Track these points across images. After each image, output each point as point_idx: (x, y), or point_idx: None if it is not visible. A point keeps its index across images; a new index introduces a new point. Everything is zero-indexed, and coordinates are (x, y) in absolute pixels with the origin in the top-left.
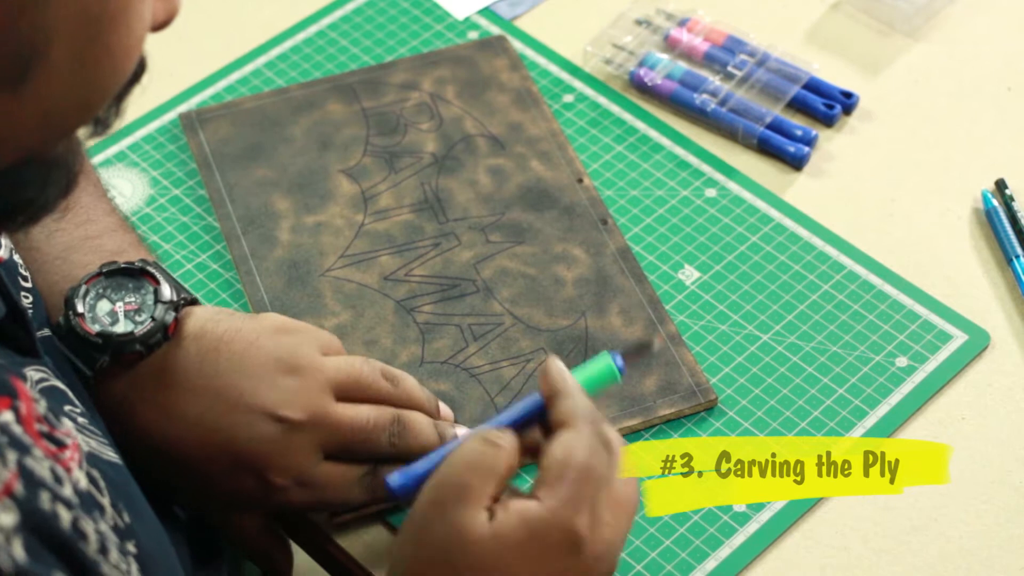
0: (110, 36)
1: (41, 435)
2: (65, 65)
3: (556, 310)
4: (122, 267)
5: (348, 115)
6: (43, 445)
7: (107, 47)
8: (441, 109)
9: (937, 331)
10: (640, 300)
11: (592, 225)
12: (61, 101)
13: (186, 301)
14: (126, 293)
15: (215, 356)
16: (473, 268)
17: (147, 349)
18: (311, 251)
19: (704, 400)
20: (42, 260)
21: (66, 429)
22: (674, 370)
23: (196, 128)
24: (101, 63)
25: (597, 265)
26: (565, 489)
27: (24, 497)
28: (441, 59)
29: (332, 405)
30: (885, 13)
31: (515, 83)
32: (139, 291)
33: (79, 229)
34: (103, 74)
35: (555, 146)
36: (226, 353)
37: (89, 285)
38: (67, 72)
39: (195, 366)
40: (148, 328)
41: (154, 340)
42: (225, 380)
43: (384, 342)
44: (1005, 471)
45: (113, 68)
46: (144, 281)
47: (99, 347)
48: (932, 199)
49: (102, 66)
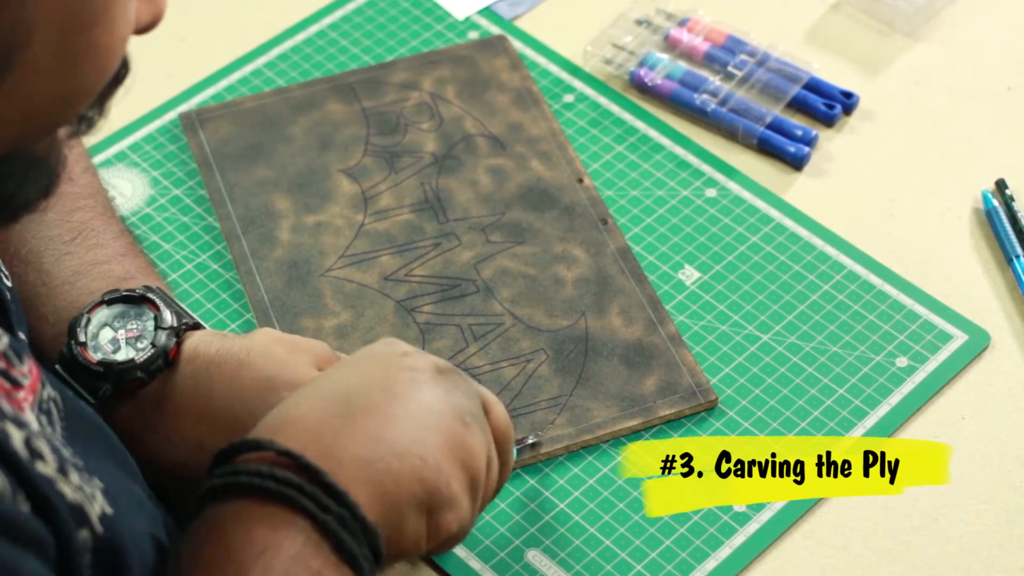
0: (92, 33)
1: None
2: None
3: (556, 310)
4: (123, 295)
5: (348, 115)
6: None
7: (89, 44)
8: (441, 109)
9: (937, 331)
10: (640, 300)
11: (592, 225)
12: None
13: (187, 326)
14: (127, 320)
15: (208, 379)
16: (473, 268)
17: (148, 376)
18: (311, 251)
19: (704, 400)
20: (51, 285)
21: (25, 369)
22: (674, 370)
23: (196, 128)
24: (83, 60)
25: (597, 265)
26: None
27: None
28: (441, 59)
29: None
30: (885, 13)
31: (515, 83)
32: (140, 318)
33: (89, 253)
34: (85, 71)
35: (555, 146)
36: (217, 375)
37: (91, 314)
38: (48, 67)
39: (191, 390)
40: (149, 355)
41: (155, 366)
42: (219, 403)
43: None
44: (1005, 471)
45: (95, 66)
46: (145, 308)
47: (101, 375)
48: (932, 199)
49: (84, 63)
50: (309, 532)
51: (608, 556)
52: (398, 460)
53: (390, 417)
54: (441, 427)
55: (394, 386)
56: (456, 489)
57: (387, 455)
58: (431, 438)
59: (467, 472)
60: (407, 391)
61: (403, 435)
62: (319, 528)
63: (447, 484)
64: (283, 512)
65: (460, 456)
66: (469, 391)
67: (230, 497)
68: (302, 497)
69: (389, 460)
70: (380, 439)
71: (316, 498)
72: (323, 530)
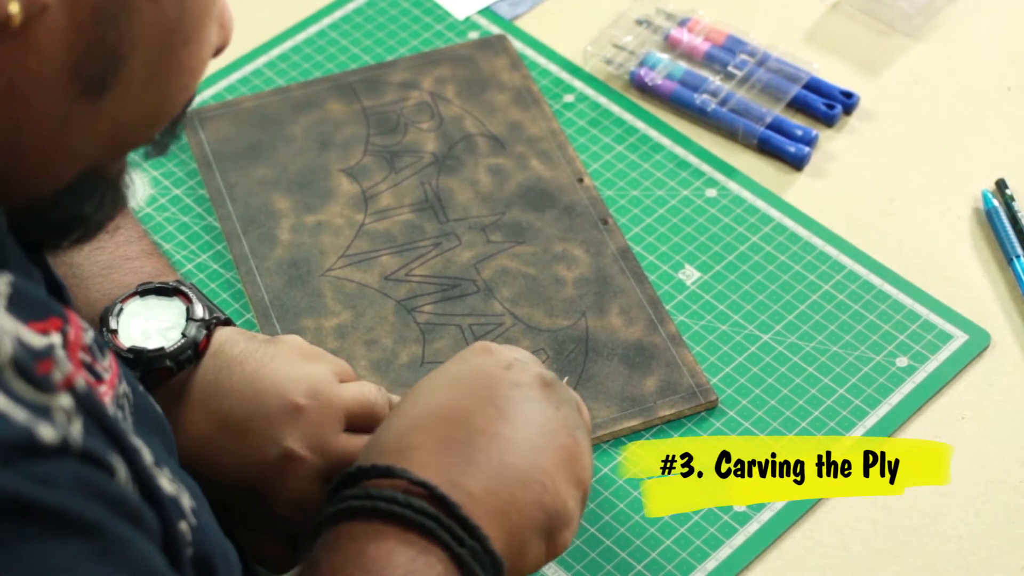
0: (183, 51)
1: (83, 364)
2: (141, 77)
3: (556, 310)
4: (157, 286)
5: (348, 114)
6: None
7: (179, 62)
8: (441, 108)
9: (937, 331)
10: (640, 300)
11: (592, 225)
12: (133, 114)
13: (218, 321)
14: (159, 312)
15: (228, 376)
16: (473, 268)
17: (178, 365)
18: (311, 251)
19: (705, 400)
20: (82, 276)
21: (106, 364)
22: (675, 370)
23: (196, 127)
24: (172, 78)
25: (597, 265)
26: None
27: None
28: (441, 58)
29: (340, 438)
30: (885, 13)
31: (515, 82)
32: (172, 310)
33: (120, 249)
34: (172, 91)
35: (555, 146)
36: (238, 373)
37: (124, 304)
38: (142, 84)
39: (210, 385)
40: (179, 345)
41: (184, 356)
42: (235, 402)
43: (385, 342)
44: (1005, 471)
45: (182, 86)
46: (177, 300)
47: (131, 362)
48: (932, 199)
49: (173, 81)
50: (446, 563)
51: (608, 556)
52: (522, 489)
53: (509, 442)
54: (556, 447)
55: (506, 406)
56: (572, 507)
57: (511, 484)
58: (548, 459)
59: (580, 488)
60: (520, 411)
61: (523, 461)
62: (454, 560)
63: (564, 505)
64: (421, 541)
65: (574, 472)
66: (571, 400)
67: (367, 518)
68: (440, 529)
69: (513, 490)
70: (503, 467)
71: (451, 530)
72: (457, 562)
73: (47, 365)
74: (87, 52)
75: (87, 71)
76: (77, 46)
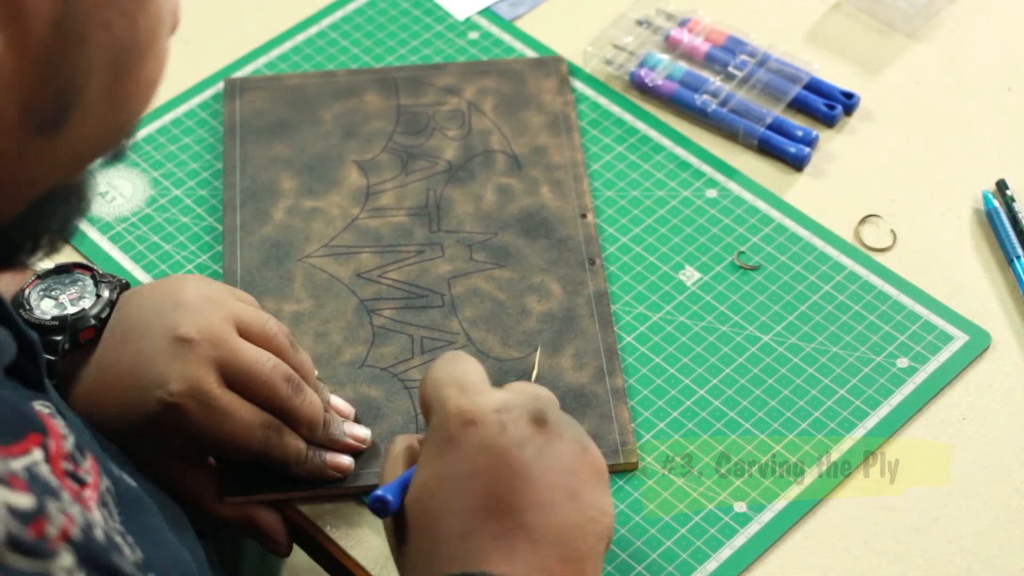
0: (139, 68)
1: (66, 474)
2: (99, 103)
3: (512, 340)
4: (55, 267)
5: (382, 108)
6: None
7: (136, 80)
8: (473, 119)
9: (938, 332)
10: (598, 347)
11: (579, 263)
12: (93, 137)
13: (123, 285)
14: (66, 287)
15: (126, 303)
16: (446, 282)
17: (100, 324)
18: (298, 235)
19: (624, 461)
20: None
21: (87, 466)
22: (606, 424)
23: (235, 95)
24: (131, 97)
25: (569, 304)
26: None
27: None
28: (492, 69)
29: (233, 335)
30: (885, 13)
31: (556, 107)
32: (77, 283)
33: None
34: (132, 107)
35: (571, 176)
36: (137, 297)
37: (30, 288)
38: (100, 110)
39: (114, 319)
40: (100, 304)
41: (105, 315)
42: (135, 319)
43: (334, 337)
44: (1006, 471)
45: (141, 99)
46: (78, 274)
47: (56, 329)
48: (933, 199)
49: (131, 99)
50: None
51: (608, 556)
52: (582, 537)
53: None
54: (585, 477)
55: (526, 470)
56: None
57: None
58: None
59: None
60: (541, 465)
61: (571, 511)
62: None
63: (611, 513)
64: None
65: (600, 475)
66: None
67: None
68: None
69: (578, 544)
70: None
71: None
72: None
73: (40, 526)
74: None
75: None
76: (29, 86)
